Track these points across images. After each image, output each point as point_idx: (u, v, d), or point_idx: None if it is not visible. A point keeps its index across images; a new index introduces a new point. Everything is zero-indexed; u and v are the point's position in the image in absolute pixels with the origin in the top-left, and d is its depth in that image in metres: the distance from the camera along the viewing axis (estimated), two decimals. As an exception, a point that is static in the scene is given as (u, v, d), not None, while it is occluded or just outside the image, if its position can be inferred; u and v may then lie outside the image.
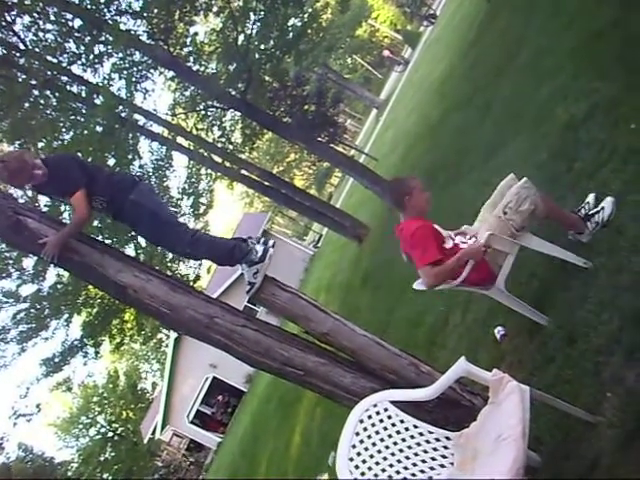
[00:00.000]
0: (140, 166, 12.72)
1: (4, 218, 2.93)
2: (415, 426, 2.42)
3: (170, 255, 12.59)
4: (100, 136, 11.16)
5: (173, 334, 23.04)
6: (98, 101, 11.25)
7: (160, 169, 13.28)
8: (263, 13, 13.06)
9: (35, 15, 11.11)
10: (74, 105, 11.95)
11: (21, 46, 11.27)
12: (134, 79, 11.80)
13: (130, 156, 12.30)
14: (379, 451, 2.34)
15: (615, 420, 2.43)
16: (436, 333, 5.40)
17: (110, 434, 35.80)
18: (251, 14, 12.98)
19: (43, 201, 10.96)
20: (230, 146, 15.23)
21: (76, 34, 11.30)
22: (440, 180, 8.79)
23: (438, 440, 2.40)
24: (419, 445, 2.38)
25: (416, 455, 2.35)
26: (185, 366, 24.69)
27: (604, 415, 2.50)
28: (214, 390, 25.39)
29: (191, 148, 13.68)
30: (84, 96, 11.86)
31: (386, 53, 36.01)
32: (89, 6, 11.20)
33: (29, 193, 10.34)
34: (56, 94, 11.69)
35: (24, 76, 10.75)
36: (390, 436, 2.38)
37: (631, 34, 4.30)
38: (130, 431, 35.14)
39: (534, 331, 3.42)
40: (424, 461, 2.33)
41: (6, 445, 26.81)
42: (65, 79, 11.78)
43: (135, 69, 11.91)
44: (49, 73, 10.99)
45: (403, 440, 2.38)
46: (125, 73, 11.64)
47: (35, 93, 11.35)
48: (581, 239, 3.44)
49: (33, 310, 12.05)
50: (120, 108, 11.49)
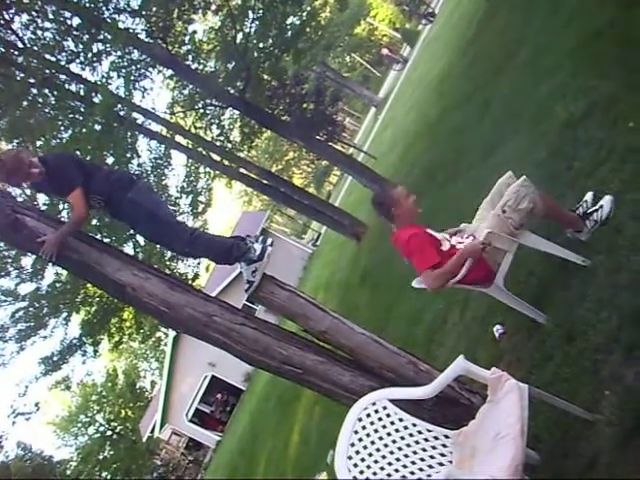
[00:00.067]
0: (139, 164, 12.70)
1: (3, 216, 2.92)
2: (414, 424, 2.43)
3: (169, 253, 12.58)
4: (98, 134, 11.12)
5: (172, 332, 23.01)
6: (97, 99, 11.24)
7: (159, 167, 13.27)
8: (262, 11, 13.06)
9: (33, 13, 11.08)
10: (72, 103, 11.92)
11: (19, 44, 11.25)
12: (133, 77, 11.78)
13: (129, 154, 12.27)
14: (378, 449, 2.34)
15: (614, 418, 2.44)
16: (435, 331, 5.41)
17: (109, 433, 35.78)
18: (250, 12, 12.98)
19: (42, 199, 10.96)
20: (229, 144, 15.22)
21: (74, 32, 11.28)
22: (439, 178, 8.79)
23: (437, 438, 2.41)
24: (418, 443, 2.38)
25: (415, 453, 2.35)
26: (184, 365, 24.69)
27: (603, 413, 2.50)
28: (213, 389, 25.39)
29: (190, 146, 13.66)
30: (82, 94, 11.83)
31: (385, 51, 35.98)
32: (87, 4, 11.17)
33: (28, 191, 10.33)
34: (54, 92, 11.66)
35: (22, 74, 10.71)
36: (389, 434, 2.38)
37: (630, 33, 4.30)
38: (129, 430, 35.13)
39: (533, 329, 3.42)
40: (423, 459, 2.33)
41: (5, 444, 26.75)
42: (63, 77, 11.76)
43: (134, 67, 11.89)
44: (47, 71, 10.95)
45: (402, 438, 2.38)
46: (124, 71, 11.62)
47: (33, 91, 11.32)
48: (580, 237, 3.44)
49: (32, 309, 12.02)
50: (119, 106, 11.47)
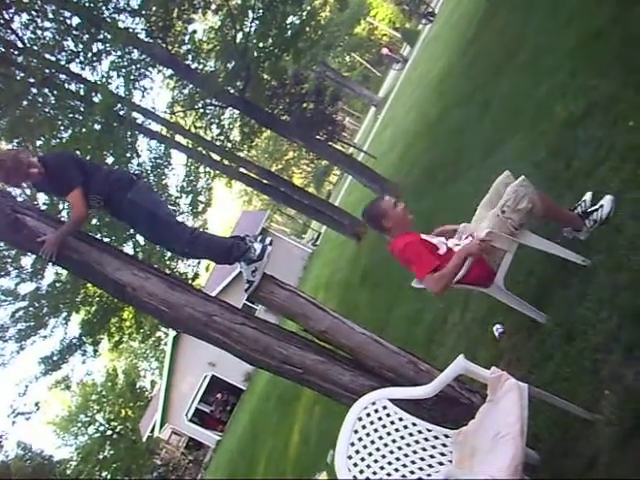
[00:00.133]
0: (138, 164, 12.71)
1: (2, 216, 2.92)
2: (414, 424, 2.42)
3: (169, 253, 12.58)
4: (98, 134, 11.13)
5: (172, 332, 23.00)
6: (96, 99, 11.24)
7: (158, 167, 13.28)
8: (262, 11, 13.06)
9: (33, 13, 11.09)
10: (72, 103, 11.93)
11: (19, 44, 11.25)
12: (132, 77, 11.78)
13: (128, 154, 12.29)
14: (378, 449, 2.34)
15: (613, 418, 2.43)
16: (435, 331, 5.41)
17: (109, 432, 35.80)
18: (249, 12, 12.97)
19: (42, 199, 10.97)
20: (229, 144, 15.22)
21: (74, 32, 11.29)
22: (439, 178, 8.79)
23: (437, 438, 2.40)
24: (417, 443, 2.38)
25: (414, 453, 2.35)
26: (184, 364, 24.70)
27: (602, 413, 2.50)
28: (213, 388, 25.39)
29: (190, 146, 13.66)
30: (82, 94, 11.84)
31: (385, 51, 35.92)
32: (87, 4, 11.17)
33: (28, 191, 10.33)
34: (54, 92, 11.67)
35: (22, 74, 10.72)
36: (389, 434, 2.38)
37: (630, 32, 4.30)
38: (129, 429, 35.15)
39: (533, 329, 3.42)
40: (422, 459, 2.33)
41: (5, 443, 26.80)
42: (63, 77, 11.77)
43: (133, 67, 11.89)
44: (47, 71, 10.95)
45: (402, 438, 2.38)
46: (123, 71, 11.62)
47: (33, 91, 11.33)
48: (578, 236, 3.44)
49: (32, 308, 12.02)
50: (118, 106, 11.47)
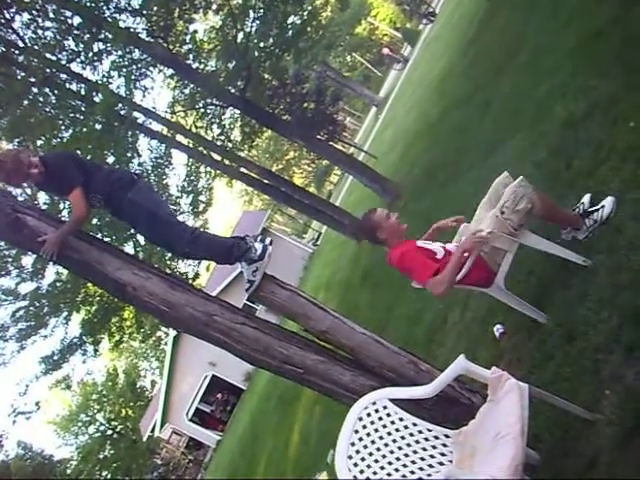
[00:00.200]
0: (139, 164, 12.70)
1: (3, 216, 2.92)
2: (414, 424, 2.43)
3: (169, 253, 12.58)
4: (99, 134, 11.12)
5: (172, 332, 23.02)
6: (97, 99, 11.23)
7: (159, 167, 13.27)
8: (262, 11, 13.06)
9: (34, 12, 11.09)
10: (73, 103, 11.92)
11: (20, 44, 11.25)
12: (133, 77, 11.77)
13: (129, 154, 12.26)
14: (378, 449, 2.34)
15: (614, 418, 2.44)
16: (435, 331, 5.41)
17: (109, 432, 35.81)
18: (250, 12, 12.98)
19: (42, 199, 10.98)
20: (229, 144, 15.19)
21: (75, 32, 11.27)
22: (439, 178, 8.79)
23: (437, 438, 2.41)
24: (418, 443, 2.38)
25: (415, 453, 2.35)
26: (184, 364, 24.69)
27: (603, 413, 2.50)
28: (213, 388, 25.39)
29: (190, 146, 13.65)
30: (83, 94, 11.83)
31: (385, 51, 35.91)
32: (88, 3, 11.16)
33: (28, 191, 10.35)
34: (55, 92, 11.66)
35: (23, 74, 10.71)
36: (389, 434, 2.38)
37: (630, 32, 4.30)
38: (129, 429, 35.16)
39: (533, 329, 3.42)
40: (423, 459, 2.33)
41: (5, 443, 26.87)
42: (64, 77, 11.75)
43: (134, 67, 11.89)
44: (48, 71, 10.94)
45: (402, 438, 2.38)
46: (124, 71, 11.61)
47: (34, 91, 11.32)
48: (577, 236, 3.44)
49: (32, 308, 12.02)
50: (119, 106, 11.45)
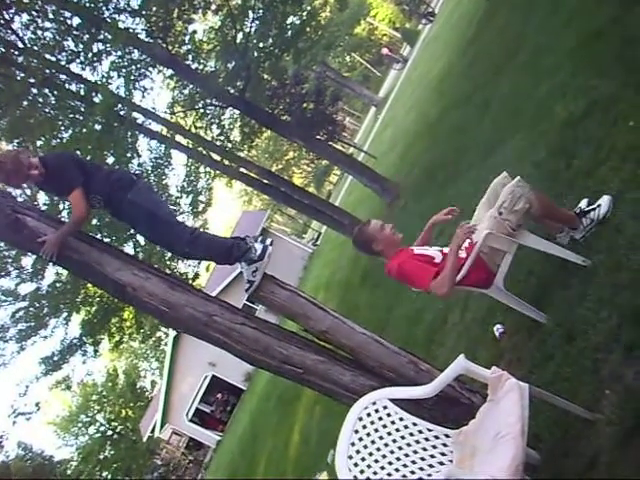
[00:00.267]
0: (139, 164, 12.70)
1: (3, 216, 2.92)
2: (414, 424, 2.43)
3: (169, 253, 12.56)
4: (99, 134, 11.12)
5: (172, 332, 23.00)
6: (97, 99, 11.23)
7: (159, 167, 13.27)
8: (262, 11, 13.06)
9: (34, 13, 11.08)
10: (73, 103, 11.92)
11: (20, 44, 11.24)
12: (133, 77, 11.77)
13: (129, 154, 12.26)
14: (378, 449, 2.34)
15: (614, 418, 2.44)
16: (435, 331, 5.40)
17: (109, 432, 35.81)
18: (250, 12, 12.96)
19: (42, 199, 10.97)
20: (229, 144, 15.20)
21: (75, 32, 11.27)
22: (439, 178, 8.79)
23: (437, 438, 2.41)
24: (418, 443, 2.38)
25: (415, 453, 2.35)
26: (184, 364, 24.69)
27: (603, 413, 2.50)
28: (213, 388, 25.40)
29: (190, 146, 13.65)
30: (83, 94, 11.82)
31: (385, 51, 35.89)
32: (87, 4, 11.16)
33: (28, 191, 10.34)
34: (55, 92, 11.66)
35: (22, 74, 10.70)
36: (389, 434, 2.38)
37: (630, 32, 4.30)
38: (129, 429, 35.16)
39: (533, 329, 3.42)
40: (423, 459, 2.33)
41: (5, 444, 26.75)
42: (64, 77, 11.75)
43: (134, 67, 11.88)
44: (48, 71, 10.94)
45: (402, 438, 2.38)
46: (124, 71, 11.61)
47: (34, 91, 11.32)
48: (574, 235, 3.44)
49: (32, 309, 12.01)
50: (119, 106, 11.45)
